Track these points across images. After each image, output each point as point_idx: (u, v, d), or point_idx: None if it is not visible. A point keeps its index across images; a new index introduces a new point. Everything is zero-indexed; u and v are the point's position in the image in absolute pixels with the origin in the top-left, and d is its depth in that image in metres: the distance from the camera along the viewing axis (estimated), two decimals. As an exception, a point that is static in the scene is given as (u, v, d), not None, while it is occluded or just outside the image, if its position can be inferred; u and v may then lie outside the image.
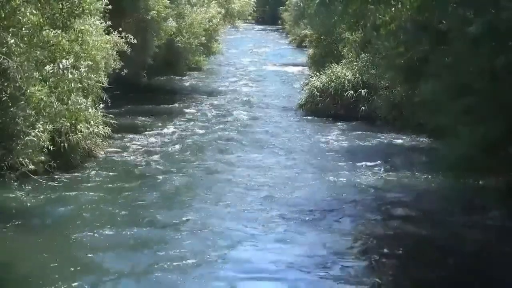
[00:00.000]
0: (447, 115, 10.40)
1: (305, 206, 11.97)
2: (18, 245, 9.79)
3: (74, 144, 13.44)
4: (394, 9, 11.57)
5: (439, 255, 9.80)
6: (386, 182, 13.54)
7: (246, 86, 27.24)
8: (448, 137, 10.89)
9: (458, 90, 9.93)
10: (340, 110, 19.97)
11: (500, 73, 9.11)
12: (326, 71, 20.77)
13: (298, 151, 16.51)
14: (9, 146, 11.63)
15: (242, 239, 10.42)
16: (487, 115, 9.65)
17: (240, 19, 34.73)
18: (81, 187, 12.60)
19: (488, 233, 10.61)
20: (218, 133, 18.17)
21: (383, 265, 9.69)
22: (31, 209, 11.22)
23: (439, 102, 10.78)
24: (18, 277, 8.81)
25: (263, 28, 57.99)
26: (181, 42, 23.91)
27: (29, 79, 10.81)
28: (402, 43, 12.16)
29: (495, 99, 9.47)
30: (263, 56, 38.47)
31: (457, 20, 9.96)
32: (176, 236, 10.33)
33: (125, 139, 16.62)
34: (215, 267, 9.39)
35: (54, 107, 12.16)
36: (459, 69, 9.95)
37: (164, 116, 20.09)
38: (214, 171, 14.41)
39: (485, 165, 10.50)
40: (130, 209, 11.45)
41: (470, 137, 9.85)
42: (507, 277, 8.99)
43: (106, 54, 14.88)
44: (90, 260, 9.42)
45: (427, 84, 11.11)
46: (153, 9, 20.15)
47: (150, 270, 9.13)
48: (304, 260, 9.65)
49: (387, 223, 11.38)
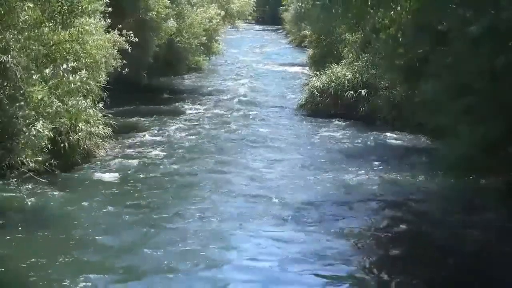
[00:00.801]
0: (447, 115, 10.39)
1: (304, 206, 11.98)
2: (18, 244, 9.79)
3: (74, 144, 13.46)
4: (393, 12, 11.57)
5: (439, 255, 9.81)
6: (386, 182, 13.54)
7: (246, 86, 27.23)
8: (448, 137, 10.88)
9: (458, 90, 9.92)
10: (340, 110, 19.98)
11: (500, 73, 9.10)
12: (326, 71, 20.78)
13: (298, 150, 16.51)
14: (9, 146, 11.62)
15: (242, 239, 10.44)
16: (487, 115, 9.64)
17: (240, 19, 34.66)
18: (81, 187, 12.61)
19: (488, 233, 10.61)
20: (218, 133, 18.18)
21: (382, 265, 9.70)
22: (31, 209, 11.21)
23: (439, 102, 10.77)
24: (18, 277, 8.80)
25: (263, 28, 57.99)
26: (181, 42, 23.89)
27: (29, 78, 10.80)
28: (402, 45, 12.17)
29: (495, 99, 9.46)
30: (263, 56, 38.47)
31: (457, 20, 9.95)
32: (176, 236, 10.32)
33: (125, 139, 16.62)
34: (216, 267, 9.41)
35: (54, 107, 12.16)
36: (459, 69, 9.94)
37: (164, 116, 20.10)
38: (214, 171, 14.42)
39: (485, 165, 10.50)
40: (130, 209, 11.46)
41: (470, 137, 9.84)
42: (507, 277, 8.99)
43: (107, 53, 14.87)
44: (90, 260, 9.43)
45: (427, 84, 11.10)
46: (153, 9, 20.14)
47: (150, 270, 9.15)
48: (303, 260, 9.65)
49: (387, 223, 11.37)
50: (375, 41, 15.13)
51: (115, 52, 15.47)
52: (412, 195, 12.78)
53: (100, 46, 14.44)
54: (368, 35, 15.84)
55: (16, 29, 10.53)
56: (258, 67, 33.29)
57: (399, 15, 11.59)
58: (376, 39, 13.83)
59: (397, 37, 11.94)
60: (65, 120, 13.05)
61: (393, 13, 11.58)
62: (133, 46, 16.47)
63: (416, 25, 11.41)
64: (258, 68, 33.13)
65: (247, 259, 9.75)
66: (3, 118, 11.17)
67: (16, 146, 11.53)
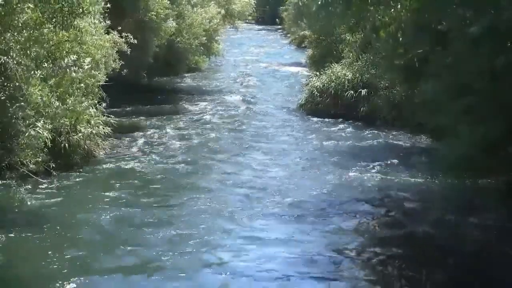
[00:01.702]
0: (447, 115, 10.38)
1: (304, 206, 11.98)
2: (17, 245, 9.78)
3: (74, 144, 13.44)
4: (393, 10, 11.56)
5: (439, 255, 9.80)
6: (385, 182, 13.54)
7: (246, 86, 27.23)
8: (448, 137, 10.88)
9: (458, 90, 9.91)
10: (340, 110, 19.97)
11: (500, 73, 9.09)
12: (326, 71, 20.78)
13: (297, 150, 16.51)
14: (9, 146, 11.64)
15: (242, 239, 10.43)
16: (487, 115, 9.63)
17: (240, 19, 34.67)
18: (81, 187, 12.60)
19: (488, 233, 10.60)
20: (218, 133, 18.19)
21: (382, 264, 9.68)
22: (31, 209, 11.21)
23: (439, 102, 10.76)
24: (18, 277, 8.80)
25: (263, 28, 57.94)
26: (181, 42, 23.91)
27: (29, 79, 10.82)
28: (402, 45, 12.16)
29: (495, 99, 9.46)
30: (263, 56, 38.45)
31: (457, 20, 9.94)
32: (176, 235, 10.32)
33: (126, 139, 16.62)
34: (215, 267, 9.40)
35: (54, 107, 12.17)
36: (459, 69, 9.93)
37: (164, 116, 20.10)
38: (214, 171, 14.44)
39: (485, 165, 10.49)
40: (130, 209, 11.45)
41: (470, 137, 9.83)
42: (507, 277, 8.99)
43: (106, 54, 14.88)
44: (90, 260, 9.42)
45: (427, 84, 11.10)
46: (152, 10, 20.15)
47: (150, 270, 9.14)
48: (302, 260, 9.63)
49: (387, 223, 11.38)
50: (375, 41, 15.12)
51: (115, 53, 15.49)
52: (412, 195, 12.78)
53: (100, 46, 14.46)
54: (368, 35, 15.82)
55: (16, 30, 10.55)
56: (258, 67, 33.27)
57: (399, 13, 11.58)
58: (376, 39, 13.82)
59: (397, 37, 11.92)
60: (65, 120, 13.09)
61: (393, 11, 11.57)
62: (133, 47, 16.50)
63: (416, 24, 11.40)
64: (258, 68, 33.12)
65: (247, 259, 9.73)
66: (3, 118, 11.20)
67: (16, 146, 11.56)
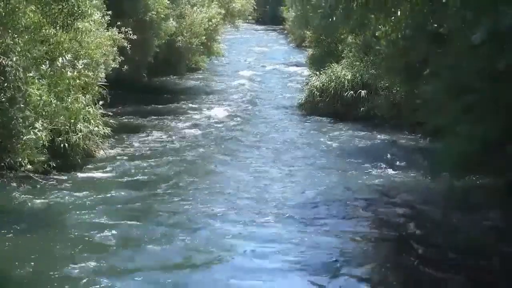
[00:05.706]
0: (447, 115, 10.37)
1: (304, 206, 11.99)
2: (17, 245, 9.77)
3: (74, 144, 13.42)
4: (394, 18, 11.57)
5: (439, 255, 9.79)
6: (385, 181, 13.54)
7: (246, 85, 27.24)
8: (448, 136, 10.86)
9: (458, 90, 9.90)
10: (340, 110, 19.97)
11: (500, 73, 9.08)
12: (326, 71, 20.77)
13: (297, 150, 16.51)
14: (9, 146, 11.64)
15: (241, 239, 10.43)
16: (487, 114, 9.62)
17: (240, 19, 34.67)
18: (81, 187, 12.59)
19: (488, 233, 10.60)
20: (218, 133, 18.20)
21: (381, 264, 9.69)
22: (30, 209, 11.21)
23: (438, 101, 10.75)
24: (17, 277, 8.79)
25: (263, 28, 57.90)
26: (182, 42, 23.92)
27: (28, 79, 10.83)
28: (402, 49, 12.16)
29: (495, 98, 9.44)
30: (263, 55, 38.44)
31: (458, 23, 9.92)
32: (176, 235, 10.32)
33: (125, 139, 16.63)
34: (214, 267, 9.41)
35: (53, 106, 12.16)
36: (459, 69, 9.92)
37: (164, 116, 20.11)
38: (214, 171, 14.45)
39: (485, 165, 10.48)
40: (130, 209, 11.46)
41: (470, 137, 9.82)
42: (507, 277, 8.98)
43: (106, 52, 14.87)
44: (90, 260, 9.41)
45: (427, 84, 11.09)
46: (152, 10, 20.16)
47: (150, 270, 9.14)
48: (302, 260, 9.63)
49: (386, 222, 11.36)
50: (375, 44, 15.13)
51: (115, 50, 15.48)
52: (411, 194, 12.77)
53: (100, 44, 14.46)
54: (368, 41, 15.87)
55: (16, 32, 10.56)
56: (258, 67, 33.28)
57: (400, 20, 11.57)
58: (377, 43, 13.84)
59: (397, 42, 11.94)
60: (64, 120, 13.07)
61: (394, 19, 11.56)
62: (133, 46, 16.50)
63: (416, 27, 11.39)
64: (258, 67, 33.12)
65: (247, 259, 9.74)
66: (3, 119, 11.20)
67: (15, 146, 11.56)
